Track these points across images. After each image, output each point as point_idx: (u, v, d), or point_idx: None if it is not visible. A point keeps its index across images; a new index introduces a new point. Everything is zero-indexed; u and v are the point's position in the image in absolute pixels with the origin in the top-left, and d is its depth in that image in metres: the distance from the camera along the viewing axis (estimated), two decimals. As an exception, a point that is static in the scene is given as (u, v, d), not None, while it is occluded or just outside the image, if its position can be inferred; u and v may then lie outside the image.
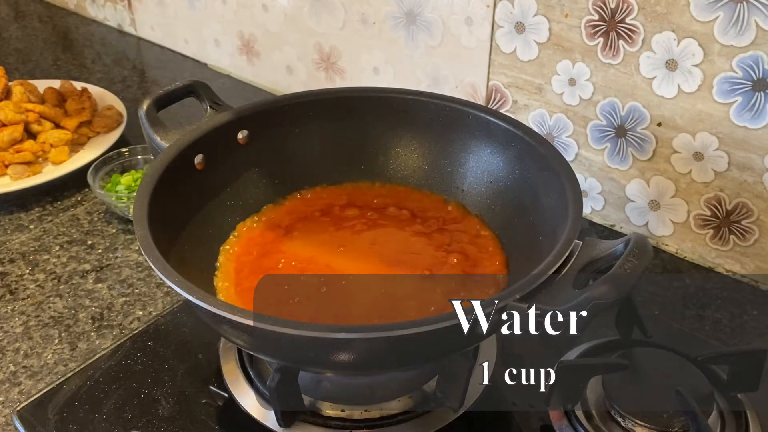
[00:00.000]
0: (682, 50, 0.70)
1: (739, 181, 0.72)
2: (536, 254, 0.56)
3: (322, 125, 0.72)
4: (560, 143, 0.83)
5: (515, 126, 0.66)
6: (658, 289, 0.75)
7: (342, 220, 0.69)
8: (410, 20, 0.90)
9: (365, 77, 0.99)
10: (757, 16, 0.64)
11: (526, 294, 0.48)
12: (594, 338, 0.65)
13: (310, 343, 0.47)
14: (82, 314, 0.73)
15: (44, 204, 0.89)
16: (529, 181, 0.65)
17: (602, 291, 0.46)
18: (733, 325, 0.71)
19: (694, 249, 0.78)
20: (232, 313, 0.47)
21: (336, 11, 0.97)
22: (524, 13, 0.79)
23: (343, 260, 0.64)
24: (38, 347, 0.69)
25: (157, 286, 0.76)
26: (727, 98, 0.69)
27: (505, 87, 0.85)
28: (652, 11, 0.70)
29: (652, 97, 0.74)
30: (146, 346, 0.67)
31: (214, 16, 1.14)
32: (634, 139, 0.77)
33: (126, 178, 0.86)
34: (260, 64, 1.13)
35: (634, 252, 0.49)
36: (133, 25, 1.32)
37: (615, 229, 0.84)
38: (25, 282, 0.77)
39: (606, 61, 0.75)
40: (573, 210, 0.55)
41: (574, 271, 0.51)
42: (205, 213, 0.65)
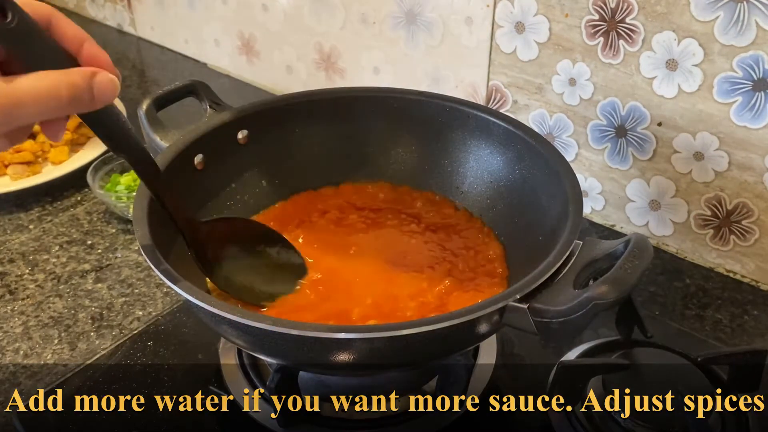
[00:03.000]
0: (682, 50, 0.69)
1: (740, 181, 0.72)
2: (536, 254, 0.56)
3: (322, 125, 0.72)
4: (560, 143, 0.83)
5: (515, 126, 0.66)
6: (658, 289, 0.75)
7: (342, 221, 0.69)
8: (410, 20, 0.90)
9: (365, 77, 0.99)
10: (758, 16, 0.64)
11: (526, 294, 0.48)
12: (594, 338, 0.65)
13: (310, 343, 0.47)
14: (82, 314, 0.73)
15: (44, 204, 0.89)
16: (529, 181, 0.65)
17: (602, 291, 0.46)
18: (733, 325, 0.71)
19: (695, 249, 0.78)
20: (232, 313, 0.47)
21: (336, 11, 0.97)
22: (524, 12, 0.79)
23: (343, 260, 0.64)
24: (38, 347, 0.69)
25: (157, 286, 0.76)
26: (728, 98, 0.69)
27: (505, 87, 0.85)
28: (652, 11, 0.70)
29: (652, 97, 0.74)
30: (146, 346, 0.67)
31: (213, 16, 1.14)
32: (635, 139, 0.77)
33: (126, 178, 0.86)
34: (260, 64, 1.13)
35: (634, 252, 0.49)
36: (133, 25, 1.32)
37: (615, 229, 0.84)
38: (24, 282, 0.77)
39: (606, 60, 0.75)
40: (573, 210, 0.55)
41: (574, 271, 0.51)
42: (205, 213, 0.65)
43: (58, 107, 0.40)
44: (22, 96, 0.39)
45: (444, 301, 0.60)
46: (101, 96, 0.42)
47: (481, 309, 0.47)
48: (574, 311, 0.46)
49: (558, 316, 0.47)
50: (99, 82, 0.42)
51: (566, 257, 0.51)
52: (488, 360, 0.64)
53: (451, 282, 0.62)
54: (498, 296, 0.48)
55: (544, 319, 0.48)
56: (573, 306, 0.46)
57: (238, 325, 0.47)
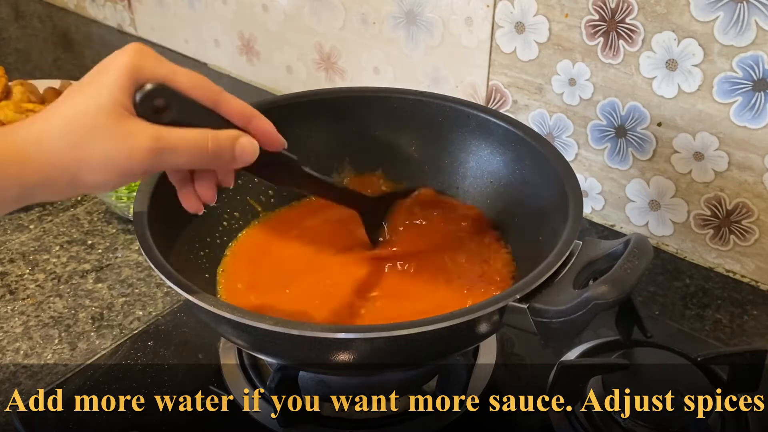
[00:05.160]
0: (682, 50, 0.70)
1: (740, 181, 0.72)
2: (536, 254, 0.56)
3: (322, 125, 0.72)
4: (560, 143, 0.83)
5: (515, 126, 0.66)
6: (658, 289, 0.75)
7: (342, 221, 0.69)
8: (410, 20, 0.90)
9: (365, 77, 0.99)
10: (757, 16, 0.64)
11: (526, 294, 0.48)
12: (594, 338, 0.65)
13: (310, 343, 0.47)
14: (82, 314, 0.73)
15: (44, 204, 0.89)
16: (529, 181, 0.65)
17: (602, 291, 0.46)
18: (733, 325, 0.71)
19: (694, 249, 0.78)
20: (232, 313, 0.47)
21: (336, 11, 0.97)
22: (524, 13, 0.79)
23: (344, 261, 0.64)
24: (38, 347, 0.69)
25: (157, 286, 0.76)
26: (728, 98, 0.69)
27: (505, 87, 0.85)
28: (652, 11, 0.70)
29: (652, 97, 0.74)
30: (146, 346, 0.67)
31: (214, 16, 1.14)
32: (634, 139, 0.77)
33: (126, 178, 0.86)
34: (260, 64, 1.13)
35: (634, 252, 0.49)
36: (133, 25, 1.32)
37: (615, 229, 0.84)
38: (25, 282, 0.77)
39: (606, 61, 0.75)
40: (573, 210, 0.55)
41: (574, 271, 0.51)
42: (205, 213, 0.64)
43: (202, 157, 0.46)
44: (172, 142, 0.44)
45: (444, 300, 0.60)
46: (242, 155, 0.48)
47: (481, 309, 0.47)
48: (574, 311, 0.46)
49: (558, 316, 0.47)
50: (241, 143, 0.48)
51: (566, 257, 0.51)
52: (488, 360, 0.64)
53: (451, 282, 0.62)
54: (498, 296, 0.48)
55: (544, 319, 0.48)
56: (573, 306, 0.46)
57: (238, 325, 0.47)
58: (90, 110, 0.43)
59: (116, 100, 0.43)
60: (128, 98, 0.44)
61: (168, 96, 0.45)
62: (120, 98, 0.43)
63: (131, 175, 0.44)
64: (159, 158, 0.44)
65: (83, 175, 0.43)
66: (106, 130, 0.43)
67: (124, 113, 0.43)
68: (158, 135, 0.44)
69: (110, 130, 0.43)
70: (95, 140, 0.43)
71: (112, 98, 0.43)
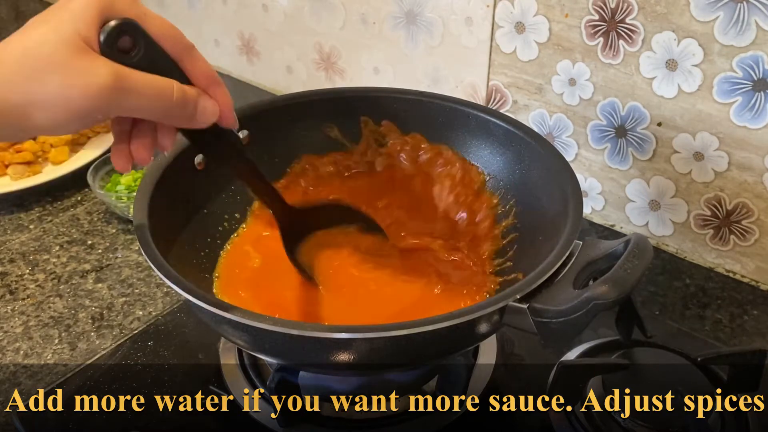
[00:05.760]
0: (682, 50, 0.70)
1: (740, 181, 0.72)
2: (536, 254, 0.56)
3: (322, 125, 0.72)
4: (560, 143, 0.83)
5: (515, 126, 0.66)
6: (658, 289, 0.75)
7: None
8: (410, 20, 0.90)
9: (365, 77, 0.99)
10: (757, 16, 0.64)
11: (526, 294, 0.48)
12: (594, 338, 0.65)
13: (310, 343, 0.47)
14: (82, 314, 0.73)
15: (44, 204, 0.89)
16: (529, 181, 0.65)
17: (602, 291, 0.46)
18: (733, 325, 0.71)
19: (694, 249, 0.78)
20: (233, 314, 0.47)
21: (336, 11, 0.97)
22: (524, 13, 0.79)
23: (344, 261, 0.64)
24: (38, 347, 0.69)
25: (157, 286, 0.76)
26: (728, 98, 0.69)
27: (505, 87, 0.85)
28: (652, 11, 0.70)
29: (652, 97, 0.74)
30: (146, 346, 0.67)
31: (214, 16, 1.14)
32: (634, 139, 0.77)
33: (126, 178, 0.86)
34: (260, 64, 1.13)
35: (634, 252, 0.49)
36: (133, 25, 1.32)
37: (615, 229, 0.84)
38: (25, 282, 0.77)
39: (606, 61, 0.75)
40: (573, 210, 0.55)
41: (574, 271, 0.51)
42: (205, 213, 0.65)
43: (164, 107, 0.43)
44: (136, 84, 0.41)
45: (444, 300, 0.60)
46: (202, 114, 0.46)
47: (481, 309, 0.47)
48: (574, 311, 0.46)
49: (558, 316, 0.47)
50: (205, 100, 0.46)
51: (566, 257, 0.51)
52: (488, 360, 0.64)
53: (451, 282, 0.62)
54: (498, 296, 0.48)
55: (544, 319, 0.48)
56: (573, 306, 0.46)
57: (238, 325, 0.47)
58: (49, 41, 0.40)
59: (79, 33, 0.40)
60: (93, 34, 0.41)
61: (137, 36, 0.42)
62: (84, 32, 0.40)
63: (86, 116, 0.41)
64: (118, 99, 0.41)
65: (33, 113, 0.40)
66: (63, 64, 0.39)
67: (86, 48, 0.40)
68: (121, 73, 0.41)
69: (68, 64, 0.39)
70: (51, 73, 0.39)
71: (75, 31, 0.40)
